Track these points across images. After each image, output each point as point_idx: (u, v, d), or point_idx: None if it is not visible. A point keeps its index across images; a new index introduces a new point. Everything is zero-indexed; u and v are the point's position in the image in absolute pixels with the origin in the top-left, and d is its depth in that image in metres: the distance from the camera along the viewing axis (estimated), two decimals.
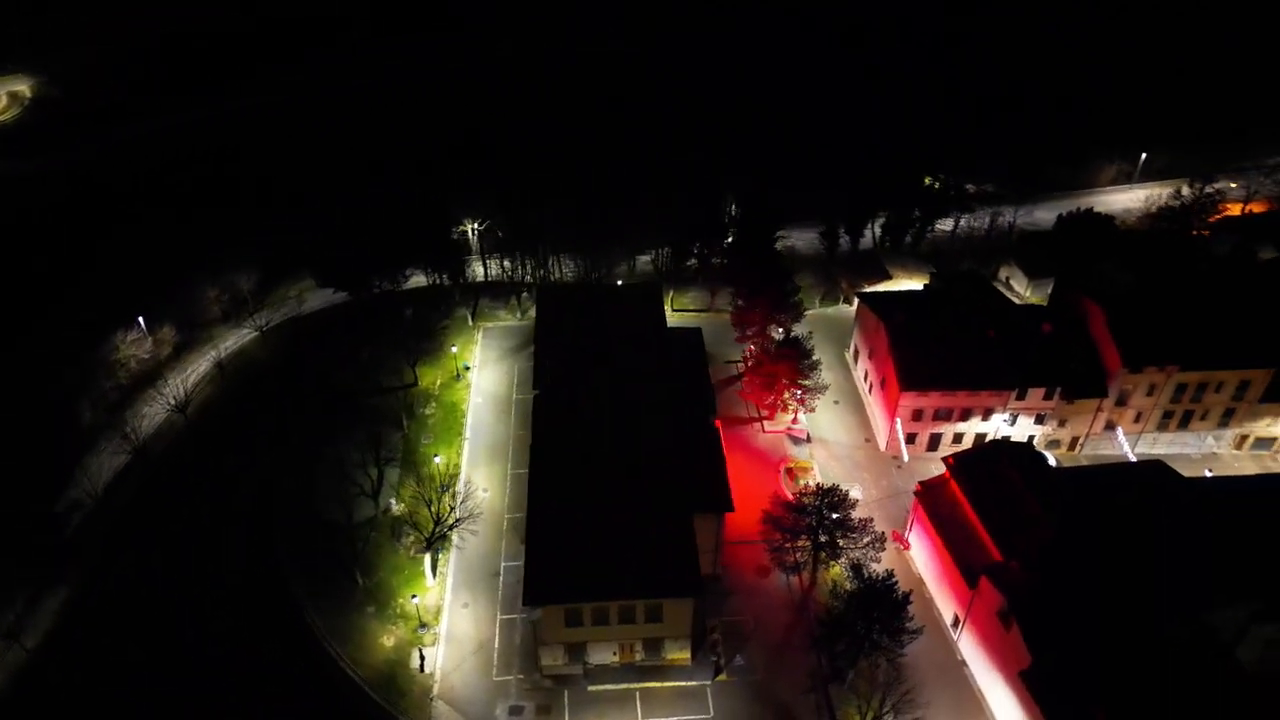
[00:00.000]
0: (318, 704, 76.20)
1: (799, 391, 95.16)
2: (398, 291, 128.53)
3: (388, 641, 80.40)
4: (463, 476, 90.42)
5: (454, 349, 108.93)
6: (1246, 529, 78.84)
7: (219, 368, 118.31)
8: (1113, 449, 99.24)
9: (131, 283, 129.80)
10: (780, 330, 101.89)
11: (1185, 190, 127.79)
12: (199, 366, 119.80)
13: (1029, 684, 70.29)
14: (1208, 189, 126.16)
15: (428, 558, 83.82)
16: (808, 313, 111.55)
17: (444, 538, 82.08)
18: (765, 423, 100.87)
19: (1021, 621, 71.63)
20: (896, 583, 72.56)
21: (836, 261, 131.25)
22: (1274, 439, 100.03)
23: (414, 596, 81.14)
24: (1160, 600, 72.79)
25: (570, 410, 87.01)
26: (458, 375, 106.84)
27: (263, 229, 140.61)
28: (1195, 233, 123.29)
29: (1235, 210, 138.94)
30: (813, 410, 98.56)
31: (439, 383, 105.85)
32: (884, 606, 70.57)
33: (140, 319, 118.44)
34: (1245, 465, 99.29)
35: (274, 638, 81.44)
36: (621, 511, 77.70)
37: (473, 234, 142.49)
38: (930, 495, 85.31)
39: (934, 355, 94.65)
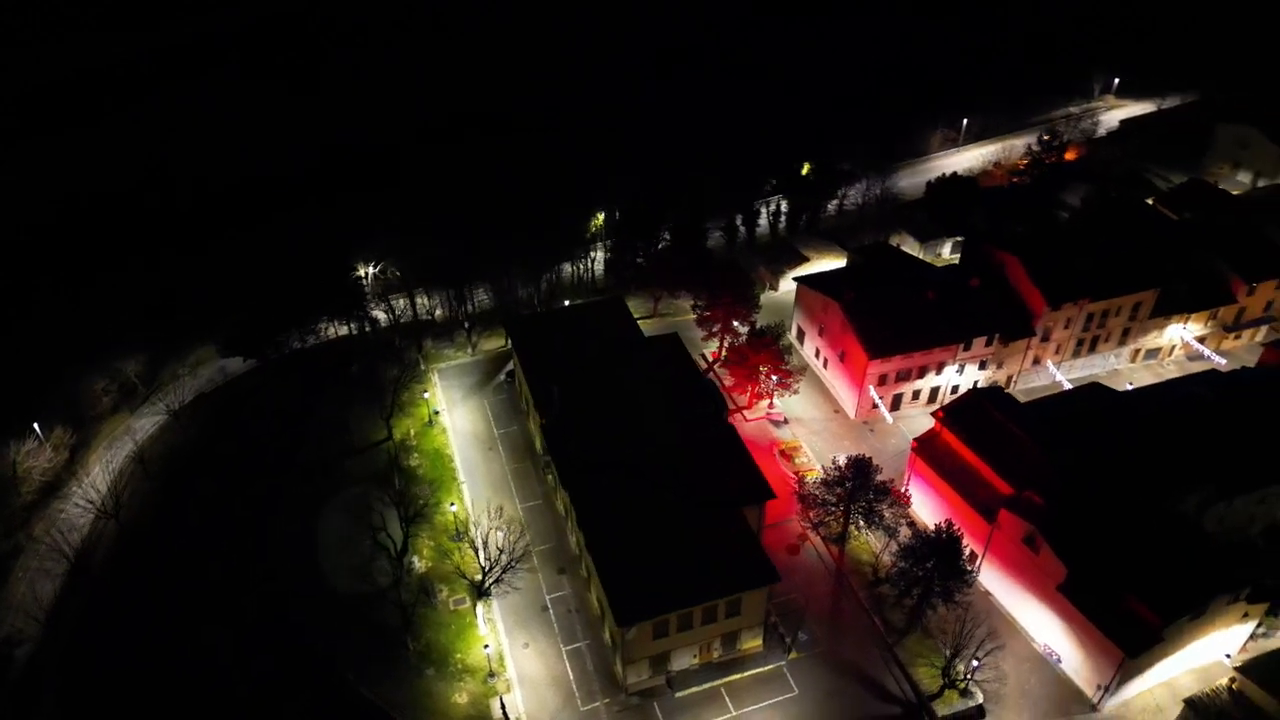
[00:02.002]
0: None
1: (779, 376, 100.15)
2: (313, 346, 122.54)
3: (461, 699, 78.01)
4: (504, 516, 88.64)
5: (426, 394, 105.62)
6: (1181, 427, 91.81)
7: (139, 461, 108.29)
8: (1039, 381, 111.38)
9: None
10: (742, 324, 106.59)
11: (1035, 146, 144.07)
12: (112, 464, 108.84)
13: (1068, 594, 78.95)
14: (1055, 142, 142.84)
15: (480, 607, 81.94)
16: None
17: (498, 582, 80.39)
18: (745, 412, 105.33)
19: (1051, 541, 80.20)
20: (957, 529, 79.05)
21: (739, 252, 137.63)
22: (1159, 349, 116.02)
23: (486, 646, 79.23)
24: (1139, 494, 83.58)
25: (586, 432, 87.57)
26: (430, 421, 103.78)
27: (136, 301, 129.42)
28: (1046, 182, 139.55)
29: (1052, 159, 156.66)
30: (796, 391, 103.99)
31: (413, 431, 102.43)
32: (945, 553, 76.77)
33: (35, 425, 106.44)
34: (1142, 375, 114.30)
35: None
36: (675, 517, 79.81)
37: (368, 277, 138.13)
38: (927, 448, 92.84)
39: (888, 323, 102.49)
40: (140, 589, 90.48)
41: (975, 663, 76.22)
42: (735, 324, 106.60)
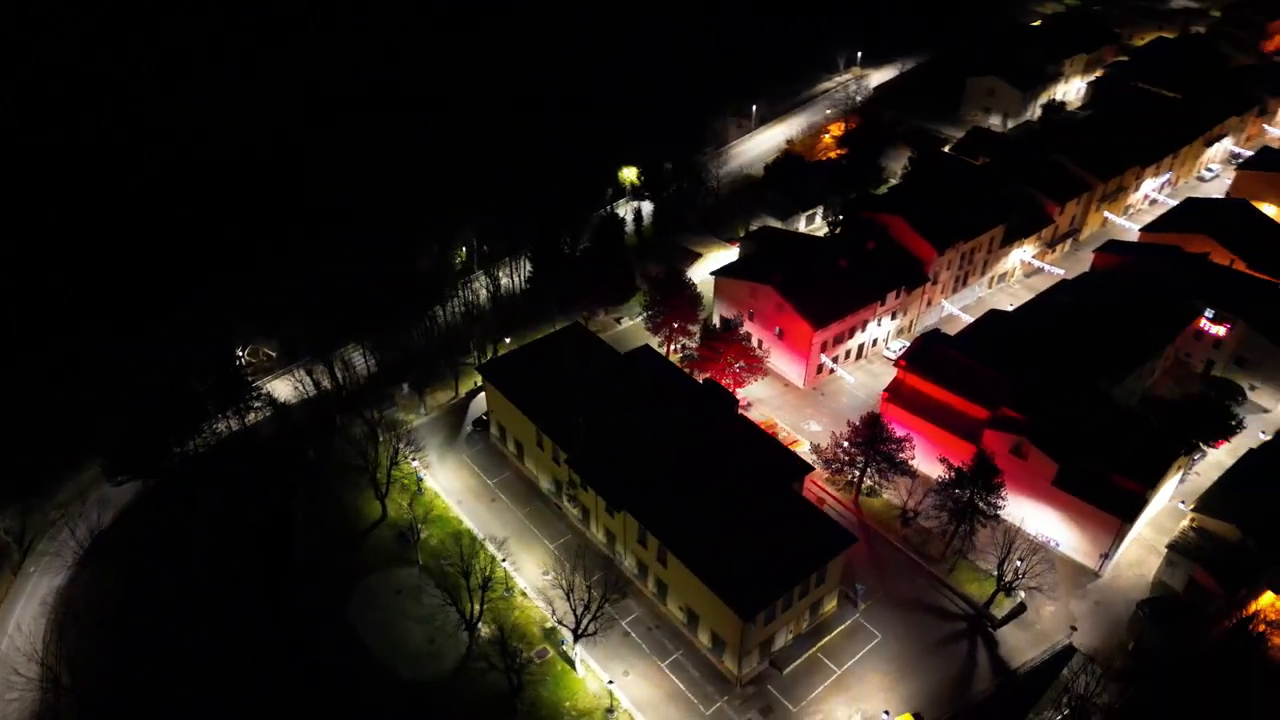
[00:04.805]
0: None
1: (748, 363, 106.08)
2: (219, 443, 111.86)
3: None
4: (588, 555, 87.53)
5: (415, 461, 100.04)
6: (1068, 329, 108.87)
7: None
8: (931, 320, 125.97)
9: None
10: (693, 324, 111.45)
11: (830, 112, 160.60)
12: (34, 636, 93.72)
13: (1064, 484, 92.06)
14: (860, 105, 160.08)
15: (577, 650, 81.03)
16: None
17: (595, 619, 79.95)
18: None
19: (1040, 445, 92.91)
20: (990, 455, 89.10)
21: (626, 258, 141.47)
22: (1006, 273, 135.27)
23: (609, 681, 78.87)
24: (1072, 391, 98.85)
25: (615, 454, 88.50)
26: (419, 489, 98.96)
27: None
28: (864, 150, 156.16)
29: (867, 121, 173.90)
30: (766, 374, 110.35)
31: (406, 504, 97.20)
32: (980, 474, 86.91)
33: None
34: (1001, 297, 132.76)
35: None
36: (739, 508, 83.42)
37: (239, 360, 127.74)
38: (897, 394, 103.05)
39: (819, 295, 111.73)
40: None
41: (1019, 563, 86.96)
42: (686, 325, 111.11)
